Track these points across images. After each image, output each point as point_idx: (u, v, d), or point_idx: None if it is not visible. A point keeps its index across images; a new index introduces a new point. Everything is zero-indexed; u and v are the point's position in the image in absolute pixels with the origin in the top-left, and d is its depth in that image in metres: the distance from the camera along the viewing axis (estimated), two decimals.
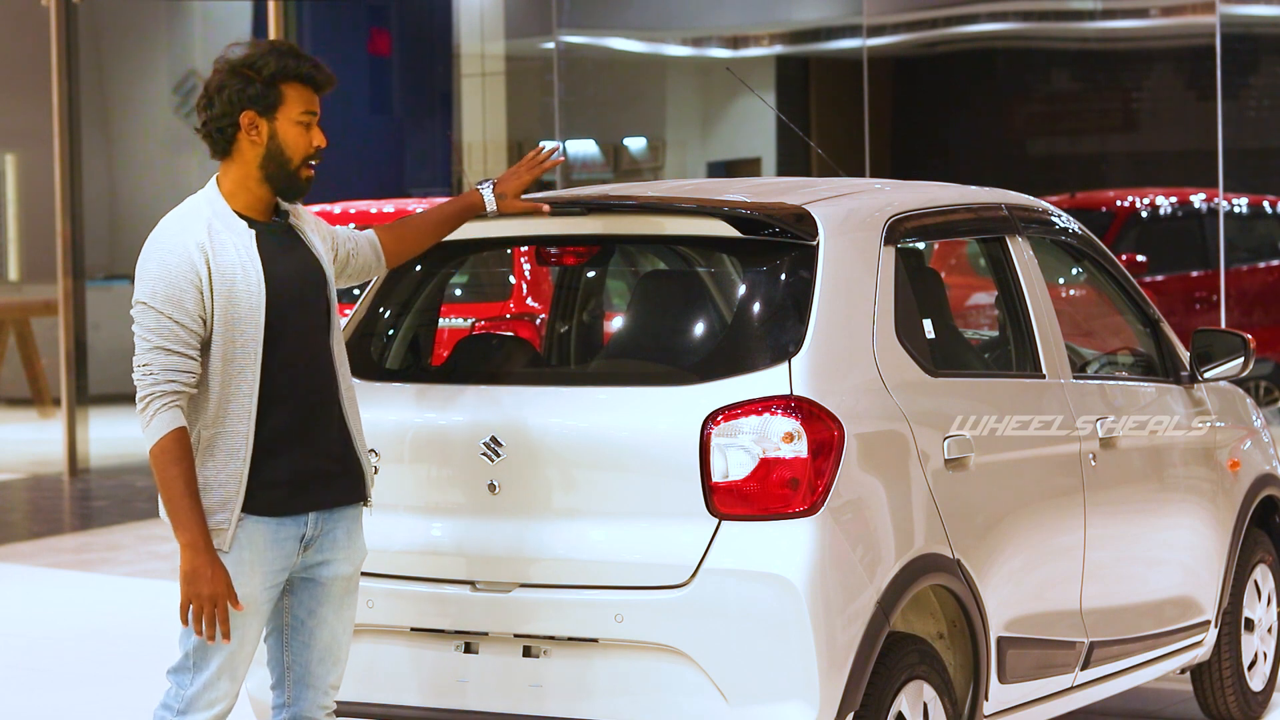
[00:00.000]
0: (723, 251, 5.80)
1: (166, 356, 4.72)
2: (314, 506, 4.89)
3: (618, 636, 5.21)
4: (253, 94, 4.83)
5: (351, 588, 5.02)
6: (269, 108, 4.85)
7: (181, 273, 4.73)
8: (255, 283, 4.78)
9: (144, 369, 4.73)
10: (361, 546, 5.04)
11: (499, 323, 9.60)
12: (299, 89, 4.87)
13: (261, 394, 4.79)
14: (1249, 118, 13.94)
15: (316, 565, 4.95)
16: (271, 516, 4.83)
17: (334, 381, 4.94)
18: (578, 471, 5.32)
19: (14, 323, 18.94)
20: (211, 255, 4.75)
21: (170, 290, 4.72)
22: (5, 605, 10.22)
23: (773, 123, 16.79)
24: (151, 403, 4.72)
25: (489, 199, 5.37)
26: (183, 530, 4.72)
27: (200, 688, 4.81)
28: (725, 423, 5.17)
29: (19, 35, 19.41)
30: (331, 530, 4.95)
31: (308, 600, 4.97)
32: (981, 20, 15.78)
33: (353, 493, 4.99)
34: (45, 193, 16.39)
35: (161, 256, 4.76)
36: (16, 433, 18.55)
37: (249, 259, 4.80)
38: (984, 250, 6.44)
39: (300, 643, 4.99)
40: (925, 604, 5.65)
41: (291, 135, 4.87)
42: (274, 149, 4.86)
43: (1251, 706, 7.26)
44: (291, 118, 4.87)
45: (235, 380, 4.77)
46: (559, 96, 16.91)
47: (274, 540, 4.84)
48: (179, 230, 4.79)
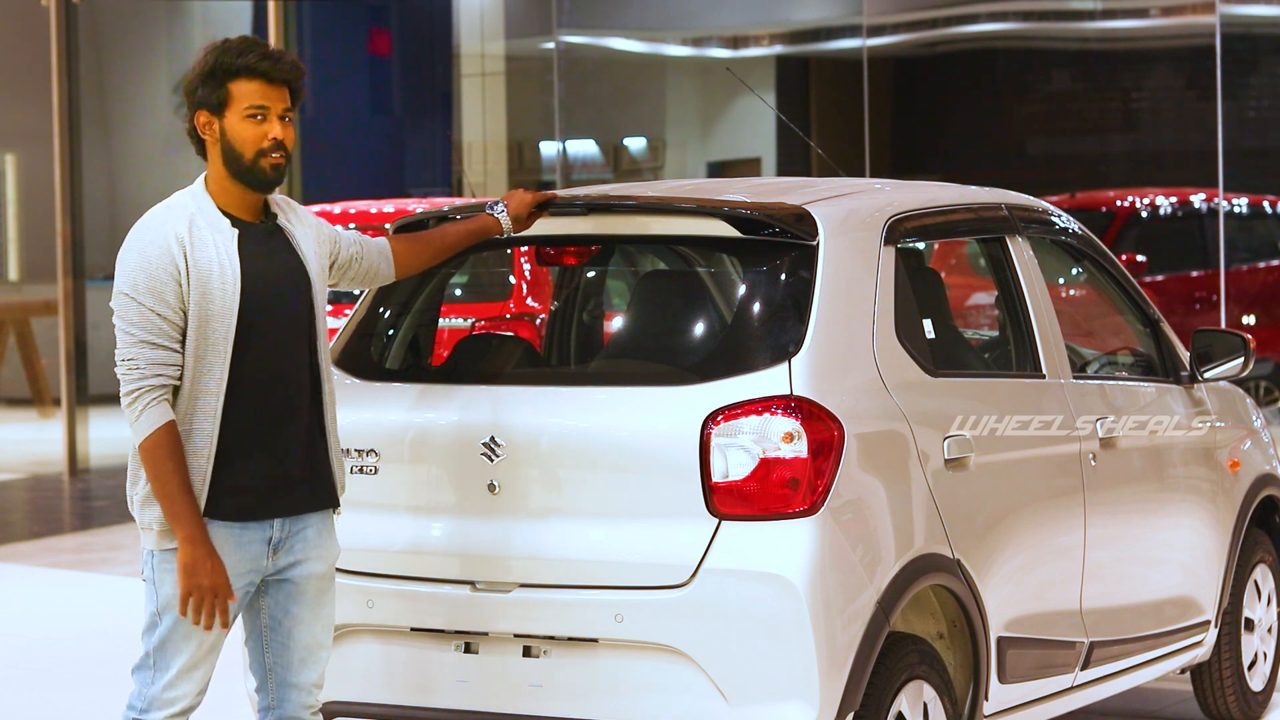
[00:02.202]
0: (723, 251, 5.80)
1: (152, 350, 4.72)
2: (279, 514, 4.89)
3: (618, 636, 5.21)
4: (202, 96, 4.87)
5: (326, 586, 5.02)
6: (218, 106, 4.87)
7: (161, 264, 4.74)
8: (230, 281, 4.78)
9: (129, 363, 4.73)
10: (334, 545, 5.03)
11: (499, 323, 9.60)
12: (246, 83, 4.86)
13: (229, 394, 4.79)
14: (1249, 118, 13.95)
15: (289, 566, 4.94)
16: (237, 522, 4.83)
17: (307, 387, 4.93)
18: (577, 471, 5.31)
19: (14, 323, 18.94)
20: (189, 249, 4.76)
21: (151, 282, 4.73)
22: (5, 605, 10.22)
23: (773, 123, 16.79)
24: (140, 397, 4.72)
25: (505, 224, 5.45)
26: (180, 524, 4.72)
27: (161, 688, 4.82)
28: (725, 423, 5.17)
29: (19, 35, 19.42)
30: (301, 531, 4.95)
31: (283, 601, 4.97)
32: (981, 20, 15.78)
33: (320, 500, 4.98)
34: (45, 193, 16.39)
35: (142, 248, 4.76)
36: (16, 433, 18.55)
37: (227, 257, 4.80)
38: (984, 250, 6.44)
39: (279, 644, 4.99)
40: (925, 604, 5.65)
41: (239, 130, 4.85)
42: (227, 146, 4.87)
43: (1251, 706, 7.26)
44: (239, 113, 4.86)
45: (204, 378, 4.77)
46: (559, 96, 16.91)
47: (238, 544, 4.84)
48: (159, 223, 4.80)
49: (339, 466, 5.02)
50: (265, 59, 4.87)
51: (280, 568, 4.93)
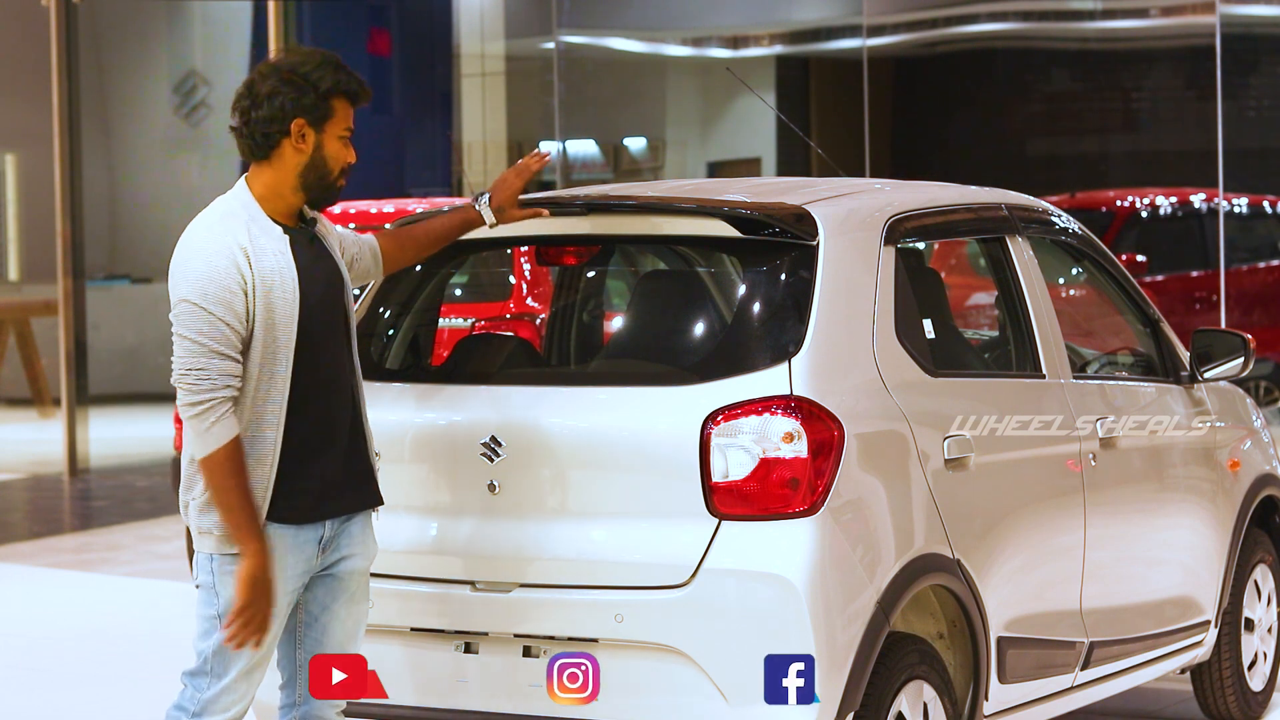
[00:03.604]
0: (723, 251, 5.80)
1: (221, 361, 4.69)
2: (334, 514, 4.91)
3: (618, 636, 5.21)
4: (307, 104, 4.84)
5: (365, 583, 5.04)
6: (319, 119, 4.86)
7: (229, 273, 4.71)
8: (291, 288, 4.78)
9: (199, 373, 4.68)
10: (374, 542, 5.06)
11: (499, 323, 9.60)
12: (345, 104, 4.90)
13: (290, 401, 4.80)
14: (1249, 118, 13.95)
15: (335, 562, 4.96)
16: (294, 524, 4.84)
17: (352, 388, 4.97)
18: (578, 471, 5.31)
19: (14, 323, 18.94)
20: (253, 257, 4.75)
21: (220, 291, 4.69)
22: (5, 605, 10.22)
23: (773, 123, 16.80)
24: (211, 409, 4.68)
25: (487, 215, 5.40)
26: (246, 539, 4.71)
27: (218, 693, 4.81)
28: (725, 423, 5.17)
29: (19, 35, 19.42)
30: (347, 527, 4.97)
31: (322, 596, 4.98)
32: (981, 20, 15.79)
33: (366, 499, 5.02)
34: (45, 193, 16.38)
35: (207, 256, 4.72)
36: (16, 433, 18.55)
37: (285, 264, 4.80)
38: (984, 250, 6.44)
39: (314, 639, 4.99)
40: (925, 604, 5.65)
41: (334, 149, 4.89)
42: (318, 159, 4.87)
43: (1251, 706, 7.26)
44: (337, 132, 4.89)
45: (268, 386, 4.77)
46: (559, 96, 16.91)
47: (295, 546, 4.85)
48: (221, 231, 4.76)
49: (376, 464, 5.05)
50: (362, 84, 4.93)
51: (327, 564, 4.95)
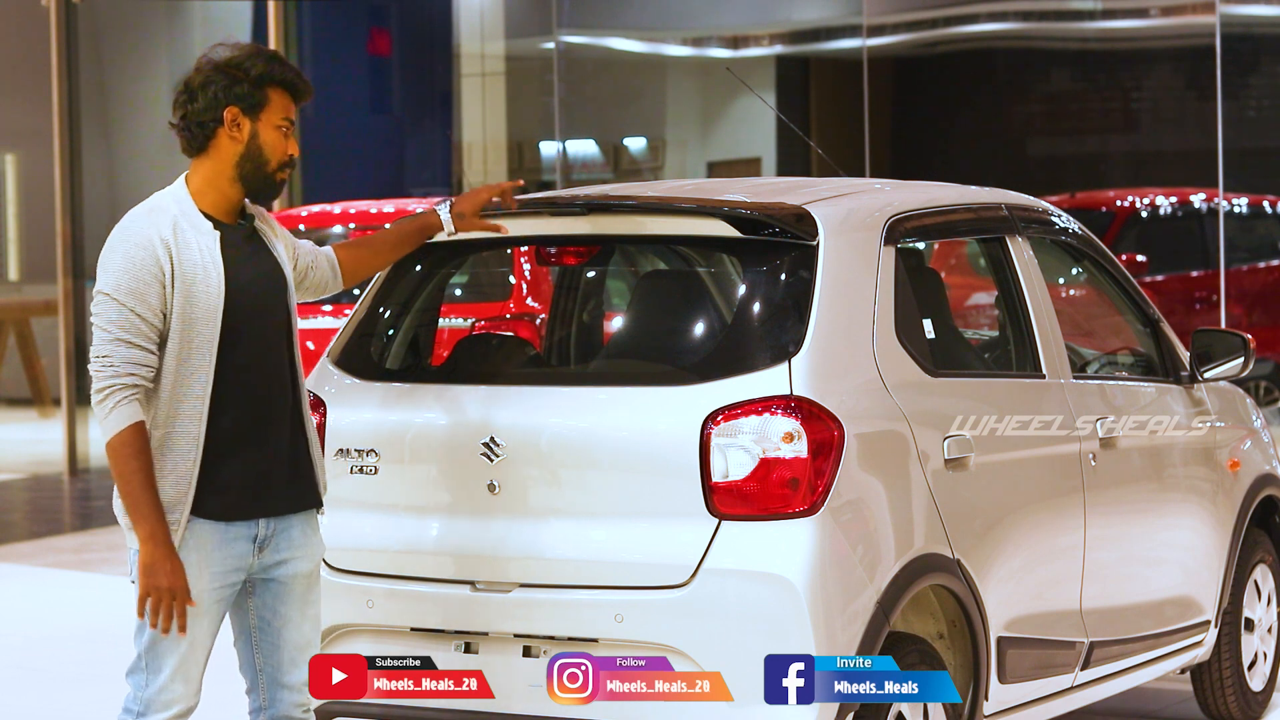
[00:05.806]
0: (723, 251, 5.80)
1: (127, 349, 4.72)
2: (264, 513, 4.90)
3: (618, 636, 5.21)
4: (239, 92, 4.87)
5: (313, 584, 5.02)
6: (253, 108, 4.88)
7: (146, 266, 4.74)
8: (215, 284, 4.79)
9: (103, 360, 4.73)
10: (319, 543, 5.04)
11: (499, 323, 9.60)
12: (282, 95, 4.92)
13: (214, 396, 4.80)
14: (1249, 118, 13.95)
15: (275, 565, 4.95)
16: (222, 520, 4.83)
17: (288, 387, 4.95)
18: (577, 471, 5.31)
19: (14, 323, 18.94)
20: (175, 252, 4.77)
21: (134, 283, 4.73)
22: (5, 605, 10.22)
23: (773, 123, 16.79)
24: (111, 395, 4.71)
25: (446, 220, 5.40)
26: (142, 523, 4.71)
27: (156, 690, 4.81)
28: (725, 423, 5.17)
29: (19, 35, 19.42)
30: (286, 530, 4.95)
31: (270, 601, 4.97)
32: (981, 20, 15.79)
33: (305, 499, 4.99)
34: (45, 193, 16.40)
35: (126, 249, 4.76)
36: (16, 433, 18.55)
37: (211, 260, 4.81)
38: (984, 250, 6.44)
39: (269, 644, 4.99)
40: (925, 604, 5.65)
41: (271, 138, 4.90)
42: (253, 149, 4.88)
43: (1251, 706, 7.26)
44: (273, 121, 4.90)
45: (188, 381, 4.78)
46: (559, 96, 16.91)
47: (223, 542, 4.84)
48: (146, 225, 4.80)
49: (320, 466, 5.03)
50: (299, 76, 4.95)
51: (266, 566, 4.93)
